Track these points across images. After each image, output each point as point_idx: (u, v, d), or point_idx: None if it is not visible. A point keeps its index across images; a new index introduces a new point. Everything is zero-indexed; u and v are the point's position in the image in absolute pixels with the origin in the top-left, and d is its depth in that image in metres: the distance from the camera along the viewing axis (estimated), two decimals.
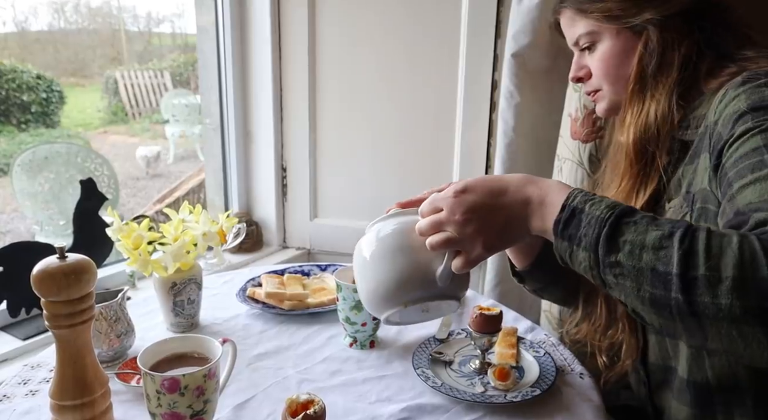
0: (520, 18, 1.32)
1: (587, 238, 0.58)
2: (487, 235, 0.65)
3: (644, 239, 0.54)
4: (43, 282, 0.69)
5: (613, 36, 0.82)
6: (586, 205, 0.59)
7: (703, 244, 0.51)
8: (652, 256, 0.53)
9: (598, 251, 0.56)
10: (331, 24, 1.63)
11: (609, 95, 0.86)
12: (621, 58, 0.82)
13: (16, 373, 0.91)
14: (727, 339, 0.50)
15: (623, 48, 0.81)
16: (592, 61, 0.86)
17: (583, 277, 0.89)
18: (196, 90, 6.61)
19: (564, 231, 0.60)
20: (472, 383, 0.89)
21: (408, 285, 0.69)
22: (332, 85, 1.67)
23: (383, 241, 0.72)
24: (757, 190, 0.58)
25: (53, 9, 7.83)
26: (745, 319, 0.48)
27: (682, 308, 0.51)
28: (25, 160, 2.65)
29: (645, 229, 0.55)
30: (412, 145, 1.65)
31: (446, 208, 0.66)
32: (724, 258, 0.50)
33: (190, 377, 0.72)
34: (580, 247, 0.58)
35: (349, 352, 1.00)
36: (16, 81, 5.58)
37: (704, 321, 0.50)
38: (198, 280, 1.05)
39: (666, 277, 0.51)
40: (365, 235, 0.76)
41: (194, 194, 3.99)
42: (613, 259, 0.55)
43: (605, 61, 0.83)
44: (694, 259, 0.51)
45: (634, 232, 0.55)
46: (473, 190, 0.66)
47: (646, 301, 0.54)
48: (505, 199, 0.65)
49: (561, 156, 1.30)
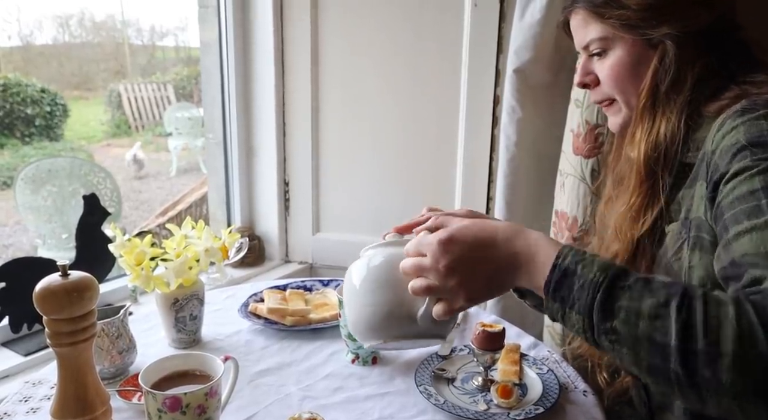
0: (522, 33, 1.33)
1: (580, 302, 0.56)
2: (470, 289, 0.64)
3: (640, 307, 0.53)
4: (46, 300, 0.69)
5: (627, 45, 0.78)
6: (577, 266, 0.58)
7: (701, 316, 0.50)
8: (648, 325, 0.52)
9: (592, 317, 0.55)
10: (334, 39, 1.64)
11: (624, 108, 0.82)
12: (632, 69, 0.79)
13: (18, 390, 0.91)
14: (726, 410, 0.51)
15: (636, 59, 0.78)
16: (601, 68, 0.82)
17: None
18: (199, 103, 6.65)
19: (555, 293, 0.59)
20: (474, 401, 0.89)
21: (389, 322, 0.69)
22: (335, 100, 1.68)
23: (370, 273, 0.71)
24: (753, 240, 0.57)
25: (58, 23, 7.93)
26: (746, 395, 0.49)
27: (682, 380, 0.51)
28: (28, 174, 2.67)
29: (640, 295, 0.54)
30: (415, 159, 1.65)
31: (430, 255, 0.64)
32: (722, 332, 0.49)
33: (191, 395, 0.71)
34: (573, 309, 0.57)
35: (352, 368, 0.99)
36: (20, 94, 5.63)
37: (704, 393, 0.50)
38: (200, 295, 1.05)
39: (664, 348, 0.51)
40: (358, 259, 0.75)
41: (197, 207, 3.99)
42: (609, 325, 0.54)
43: (616, 70, 0.80)
44: (693, 332, 0.50)
45: (629, 298, 0.54)
46: (459, 242, 0.64)
47: (643, 369, 0.54)
48: (491, 253, 0.64)
49: (563, 171, 1.31)
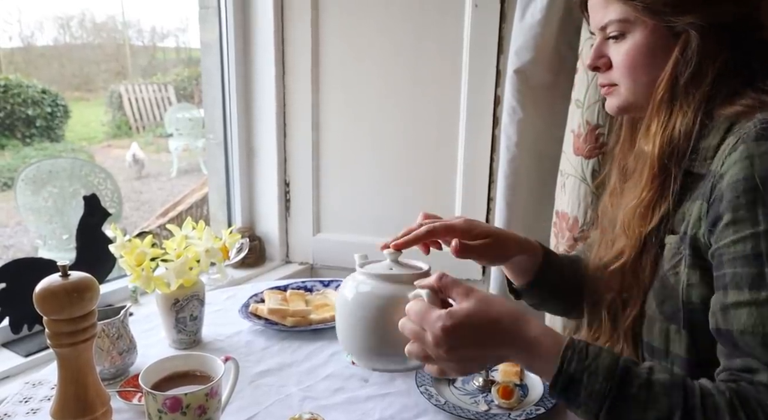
0: (522, 34, 1.33)
1: (588, 407, 0.61)
2: (466, 369, 0.69)
3: (644, 417, 0.59)
4: (46, 300, 0.69)
5: (647, 30, 0.74)
6: (583, 375, 0.62)
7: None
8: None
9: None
10: (334, 40, 1.64)
11: (625, 93, 0.79)
12: (650, 56, 0.74)
13: (18, 390, 0.91)
14: None
15: (656, 46, 0.74)
16: (616, 52, 0.77)
17: (585, 289, 0.90)
18: (199, 104, 6.66)
19: (562, 394, 0.63)
20: (475, 401, 0.89)
21: (379, 356, 0.76)
22: (335, 101, 1.68)
23: (369, 305, 0.75)
24: (753, 317, 0.60)
25: (59, 24, 7.94)
26: None
27: None
28: (29, 175, 2.67)
29: (644, 407, 0.59)
30: (415, 160, 1.65)
31: (432, 337, 0.65)
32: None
33: (192, 396, 0.71)
34: (580, 410, 0.62)
35: (352, 369, 0.99)
36: (21, 95, 5.63)
37: None
38: (200, 296, 1.05)
39: None
40: (357, 274, 0.79)
41: (197, 208, 3.99)
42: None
43: (632, 56, 0.75)
44: None
45: (633, 409, 0.59)
46: (460, 335, 0.65)
47: None
48: (491, 343, 0.66)
49: (564, 172, 1.30)
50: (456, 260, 0.84)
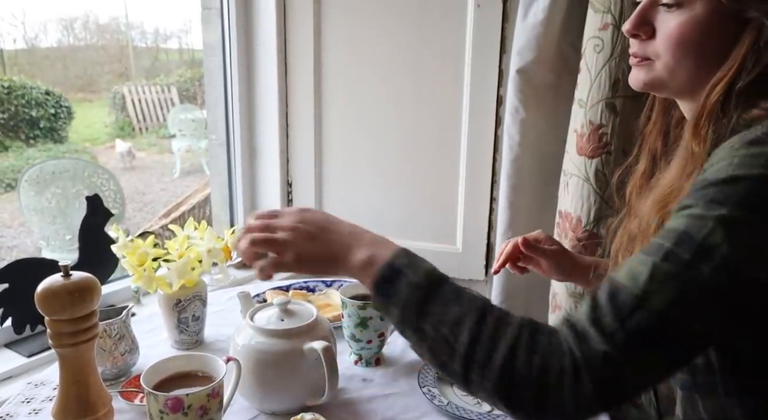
0: (525, 34, 1.33)
1: (400, 299, 0.64)
2: (304, 247, 0.69)
3: (447, 312, 0.62)
4: (47, 300, 0.69)
5: (712, 5, 0.64)
6: (409, 269, 0.65)
7: (488, 333, 0.59)
8: (448, 331, 0.60)
9: (408, 315, 0.63)
10: (337, 41, 1.64)
11: (661, 70, 0.69)
12: (706, 37, 0.65)
13: (20, 391, 0.91)
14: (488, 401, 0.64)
15: (716, 28, 0.64)
16: (666, 21, 0.67)
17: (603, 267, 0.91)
18: (202, 105, 6.66)
19: (383, 286, 0.65)
20: (478, 402, 0.88)
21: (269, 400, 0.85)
22: (337, 102, 1.68)
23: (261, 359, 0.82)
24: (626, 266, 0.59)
25: (62, 26, 7.97)
26: (500, 400, 0.59)
27: (459, 376, 0.61)
28: (32, 176, 2.67)
29: (451, 300, 0.62)
30: (417, 160, 1.65)
31: (286, 212, 0.71)
32: (497, 350, 0.58)
33: (193, 396, 0.71)
34: (394, 304, 0.64)
35: (354, 369, 0.99)
36: (25, 97, 5.64)
37: (472, 389, 0.61)
38: (203, 296, 1.05)
39: (454, 352, 0.60)
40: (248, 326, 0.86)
41: (200, 209, 4.00)
42: (419, 324, 0.62)
43: (686, 31, 0.65)
44: (476, 346, 0.59)
45: (442, 303, 0.62)
46: (314, 211, 0.72)
47: (435, 362, 0.64)
48: (336, 227, 0.71)
49: (567, 171, 1.30)
50: (458, 261, 0.85)
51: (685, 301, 0.54)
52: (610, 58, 1.19)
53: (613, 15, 1.18)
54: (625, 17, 1.16)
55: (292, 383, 0.82)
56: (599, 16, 1.20)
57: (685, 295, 0.54)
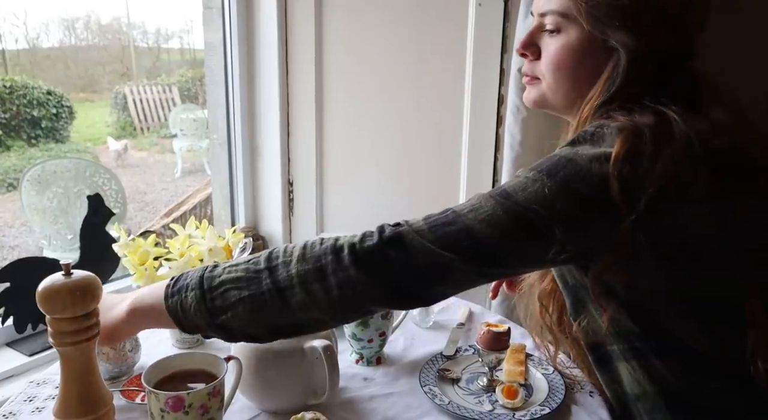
0: (527, 33, 1.33)
1: (192, 281, 0.69)
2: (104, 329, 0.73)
3: (238, 261, 0.70)
4: (48, 299, 0.68)
5: (582, 34, 0.73)
6: (189, 271, 0.72)
7: (283, 248, 0.69)
8: (245, 265, 0.68)
9: (203, 284, 0.68)
10: (338, 40, 1.64)
11: (545, 90, 0.79)
12: (578, 61, 0.75)
13: (22, 389, 0.91)
14: (303, 305, 0.66)
15: (585, 53, 0.74)
16: (548, 45, 0.77)
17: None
18: (203, 105, 6.67)
19: (172, 289, 0.70)
20: (479, 401, 0.88)
21: (270, 398, 0.86)
22: (339, 101, 1.68)
23: (263, 358, 0.83)
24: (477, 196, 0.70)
25: (64, 26, 7.97)
26: (306, 280, 0.66)
27: (272, 290, 0.66)
28: (34, 175, 2.68)
29: (237, 260, 0.70)
30: (419, 159, 1.65)
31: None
32: (295, 249, 0.68)
33: (194, 395, 0.71)
34: (188, 290, 0.69)
35: (356, 368, 0.99)
36: (26, 97, 5.65)
37: (286, 293, 0.66)
38: None
39: (257, 274, 0.67)
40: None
41: (201, 208, 4.00)
42: (216, 282, 0.68)
43: (561, 55, 0.75)
44: (276, 254, 0.69)
45: (229, 263, 0.70)
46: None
47: (247, 301, 0.67)
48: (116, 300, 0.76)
49: None
50: None
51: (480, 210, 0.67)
52: None
53: None
54: None
55: (293, 382, 0.82)
56: None
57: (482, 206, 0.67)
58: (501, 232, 0.66)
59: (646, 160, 0.63)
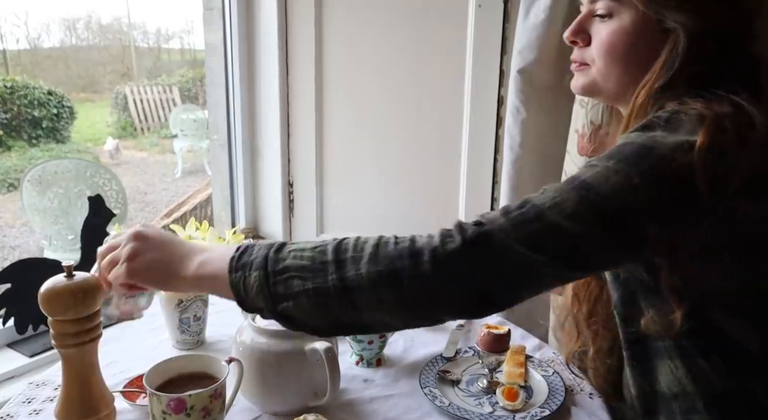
0: (526, 34, 1.33)
1: (257, 260, 0.65)
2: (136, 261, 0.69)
3: (305, 247, 0.65)
4: (50, 301, 0.69)
5: (636, 17, 0.71)
6: (258, 243, 0.68)
7: (352, 241, 0.64)
8: (311, 253, 0.63)
9: (267, 266, 0.64)
10: (338, 41, 1.64)
11: (596, 75, 0.77)
12: (632, 45, 0.72)
13: (21, 391, 0.91)
14: (372, 309, 0.61)
15: (641, 36, 0.72)
16: (600, 31, 0.75)
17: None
18: (203, 105, 6.67)
19: (237, 263, 0.66)
20: (480, 403, 0.88)
21: (270, 400, 0.86)
22: (339, 101, 1.68)
23: (263, 359, 0.83)
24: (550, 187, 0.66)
25: (65, 26, 7.99)
26: (378, 283, 0.60)
27: (337, 286, 0.61)
28: (34, 176, 2.68)
29: (305, 243, 0.66)
30: (419, 160, 1.65)
31: (126, 235, 0.71)
32: (366, 246, 0.63)
33: (196, 397, 0.71)
34: (252, 270, 0.64)
35: (356, 370, 0.99)
36: (27, 97, 5.65)
37: (354, 293, 0.61)
38: (204, 296, 1.05)
39: (324, 264, 0.62)
40: (250, 327, 0.86)
41: (201, 209, 4.00)
42: (281, 265, 0.63)
43: (615, 39, 0.73)
44: (345, 248, 0.63)
45: (296, 244, 0.66)
46: (153, 230, 0.73)
47: (311, 293, 0.62)
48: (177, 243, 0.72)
49: (568, 172, 1.30)
50: None
51: (564, 205, 0.62)
52: None
53: None
54: None
55: (294, 384, 0.83)
56: None
57: (565, 202, 0.62)
58: (590, 228, 0.61)
59: (731, 152, 0.60)
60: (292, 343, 0.82)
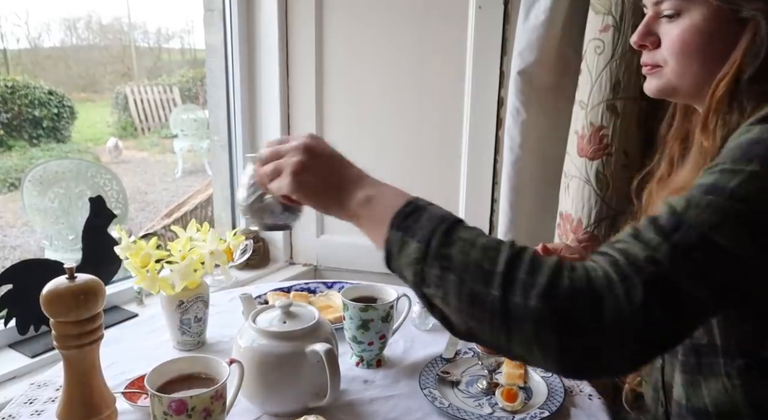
0: (526, 35, 1.33)
1: (423, 231, 0.59)
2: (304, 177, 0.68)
3: (476, 240, 0.57)
4: (53, 302, 0.69)
5: (709, 12, 0.69)
6: (430, 206, 0.63)
7: (528, 256, 0.56)
8: (480, 255, 0.56)
9: (431, 243, 0.58)
10: (338, 43, 1.64)
11: (671, 76, 0.74)
12: (707, 41, 0.69)
13: (23, 392, 0.91)
14: (524, 342, 0.54)
15: (715, 31, 0.69)
16: (669, 31, 0.73)
17: None
18: (204, 105, 6.68)
19: (402, 222, 0.61)
20: (479, 404, 0.89)
21: (270, 401, 0.86)
22: (339, 103, 1.69)
23: (264, 361, 0.83)
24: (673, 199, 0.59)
25: (66, 26, 8.00)
26: (545, 324, 0.52)
27: (496, 305, 0.54)
28: (35, 176, 2.68)
29: (478, 234, 0.59)
30: (419, 161, 1.65)
31: (294, 140, 0.70)
32: (542, 268, 0.54)
33: (197, 399, 0.71)
34: (414, 238, 0.59)
35: (356, 371, 0.99)
36: (28, 97, 5.66)
37: (511, 319, 0.54)
38: (205, 298, 1.06)
39: (490, 274, 0.55)
40: (250, 328, 0.86)
41: (202, 209, 4.01)
42: (444, 251, 0.57)
43: (687, 38, 0.70)
44: (518, 263, 0.55)
45: (468, 233, 0.59)
46: (323, 144, 0.71)
47: (464, 297, 0.56)
48: (345, 165, 0.71)
49: (568, 173, 1.30)
50: None
51: (726, 226, 0.55)
52: (611, 59, 1.19)
53: (614, 17, 1.18)
54: (625, 19, 1.17)
55: (294, 385, 0.83)
56: (600, 17, 1.20)
57: (726, 221, 0.55)
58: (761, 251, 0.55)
59: None
60: (293, 344, 0.83)
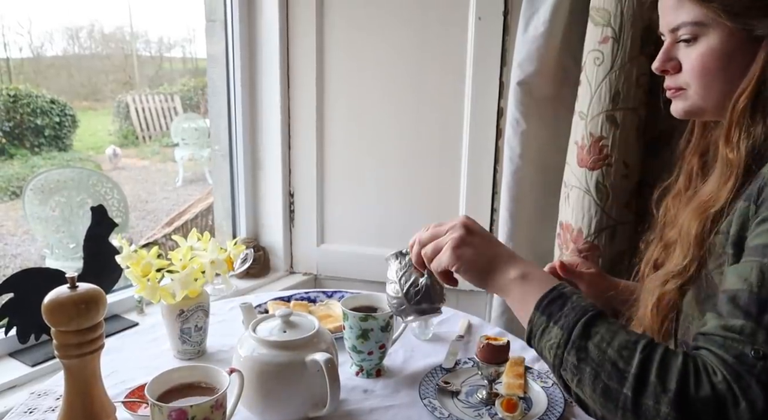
0: (526, 46, 1.34)
1: (567, 319, 0.65)
2: (464, 251, 0.73)
3: (614, 336, 0.62)
4: (54, 311, 0.69)
5: (723, 34, 0.71)
6: (573, 295, 0.68)
7: (659, 357, 0.59)
8: (616, 353, 0.61)
9: (572, 332, 0.63)
10: (339, 53, 1.66)
11: (695, 98, 0.77)
12: (726, 61, 0.72)
13: (23, 401, 0.91)
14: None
15: (733, 51, 0.71)
16: (688, 55, 0.75)
17: (613, 303, 0.91)
18: (205, 114, 6.71)
19: (547, 307, 0.67)
20: (479, 414, 0.89)
21: (270, 411, 0.86)
22: (340, 113, 1.70)
23: (264, 370, 0.83)
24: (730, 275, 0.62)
25: (68, 35, 8.03)
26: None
27: (627, 405, 0.59)
28: (37, 185, 2.69)
29: (617, 329, 0.63)
30: (419, 171, 1.66)
31: (452, 222, 0.75)
32: (671, 372, 0.58)
33: (197, 408, 0.71)
34: (557, 324, 0.65)
35: (356, 380, 0.99)
36: (30, 105, 5.68)
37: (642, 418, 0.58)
38: (205, 307, 1.06)
39: (623, 374, 0.59)
40: (250, 337, 0.86)
41: (202, 218, 4.01)
42: (583, 343, 0.63)
43: (707, 61, 0.73)
44: (649, 367, 0.59)
45: (607, 328, 0.63)
46: (477, 226, 0.76)
47: (598, 390, 0.61)
48: (497, 245, 0.76)
49: (568, 183, 1.31)
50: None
51: None
52: (610, 70, 1.20)
53: (613, 28, 1.19)
54: (625, 31, 1.18)
55: (294, 395, 0.83)
56: (599, 29, 1.21)
57: None
58: None
59: None
60: (293, 354, 0.83)
